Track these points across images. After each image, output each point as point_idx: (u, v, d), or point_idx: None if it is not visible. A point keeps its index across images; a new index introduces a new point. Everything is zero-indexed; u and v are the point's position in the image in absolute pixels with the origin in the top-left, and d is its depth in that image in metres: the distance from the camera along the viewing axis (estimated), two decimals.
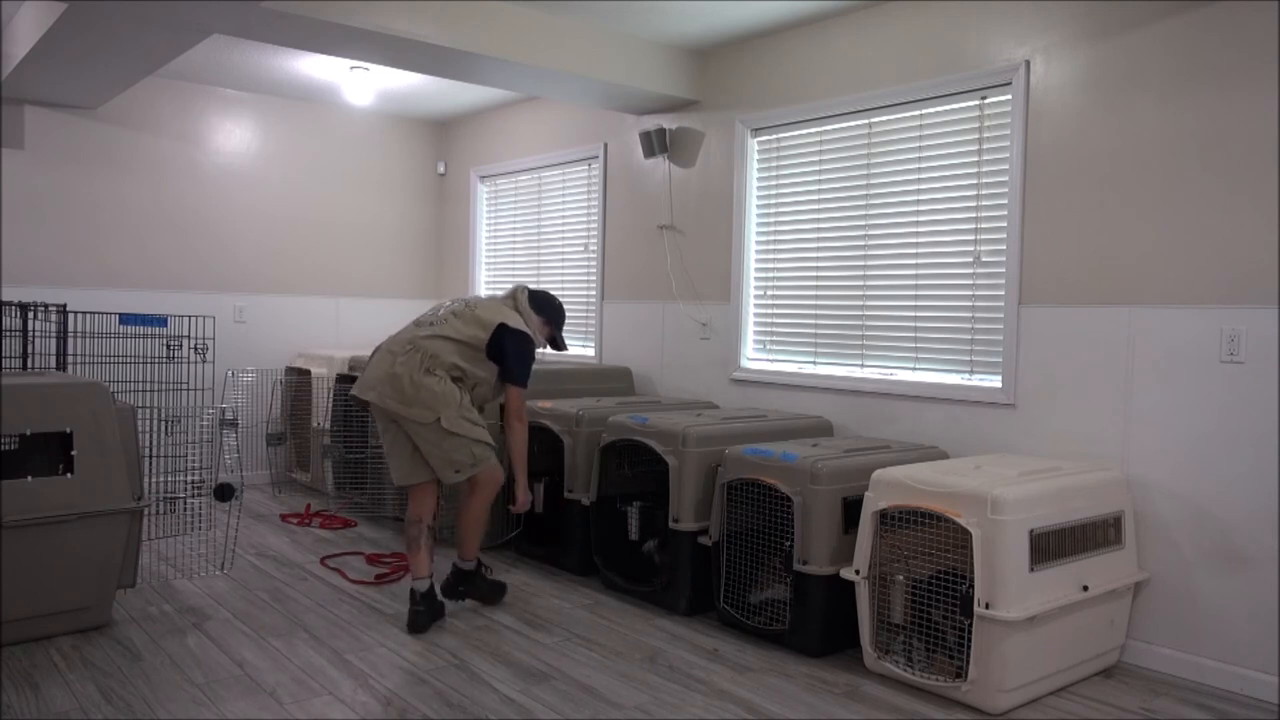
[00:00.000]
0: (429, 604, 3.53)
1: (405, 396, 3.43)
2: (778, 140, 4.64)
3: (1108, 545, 3.22)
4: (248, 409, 6.16)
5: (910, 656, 3.09)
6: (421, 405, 3.42)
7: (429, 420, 3.43)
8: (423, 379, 3.44)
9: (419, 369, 3.45)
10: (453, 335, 3.53)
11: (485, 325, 3.56)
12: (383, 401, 3.45)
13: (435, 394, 3.43)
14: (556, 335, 3.91)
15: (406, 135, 6.92)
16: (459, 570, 3.74)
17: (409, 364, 3.46)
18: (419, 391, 3.42)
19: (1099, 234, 3.46)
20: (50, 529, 3.23)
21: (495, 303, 3.69)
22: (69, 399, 3.29)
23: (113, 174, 5.71)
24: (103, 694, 2.88)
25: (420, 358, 3.47)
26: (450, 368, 3.50)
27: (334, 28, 3.89)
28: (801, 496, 3.31)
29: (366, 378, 3.55)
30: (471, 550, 3.72)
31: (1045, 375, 3.60)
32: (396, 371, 3.45)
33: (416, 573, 3.55)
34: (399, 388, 3.43)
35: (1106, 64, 3.43)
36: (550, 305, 3.87)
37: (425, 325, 3.60)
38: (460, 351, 3.52)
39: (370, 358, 3.61)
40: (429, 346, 3.50)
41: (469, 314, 3.60)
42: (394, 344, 3.57)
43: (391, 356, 3.50)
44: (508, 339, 3.57)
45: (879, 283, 4.20)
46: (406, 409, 3.42)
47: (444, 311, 3.65)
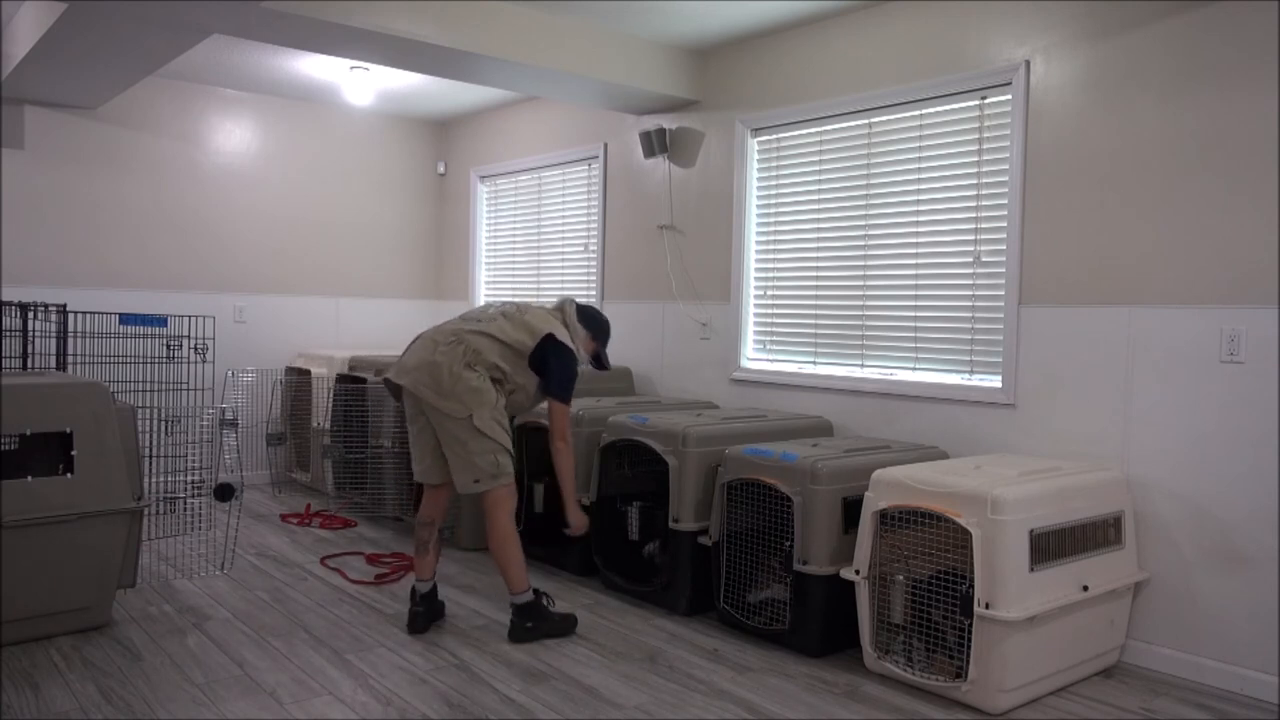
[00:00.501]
0: (429, 604, 3.51)
1: (442, 387, 3.30)
2: (778, 140, 4.64)
3: (1108, 545, 3.22)
4: (248, 409, 6.16)
5: (910, 656, 3.09)
6: (456, 399, 3.29)
7: (461, 415, 3.30)
8: (462, 372, 3.31)
9: (460, 361, 3.33)
10: (499, 335, 3.40)
11: (533, 333, 3.42)
12: (417, 389, 3.32)
13: (472, 389, 3.31)
14: (601, 353, 3.76)
15: (406, 135, 6.92)
16: (519, 607, 3.44)
17: (451, 355, 3.33)
18: (456, 384, 3.30)
19: (1099, 234, 3.46)
20: (50, 529, 3.23)
21: (545, 312, 3.55)
22: (69, 399, 3.29)
23: (113, 174, 5.71)
24: (103, 694, 2.88)
25: (463, 350, 3.35)
26: (491, 367, 3.37)
27: (334, 28, 3.89)
28: (801, 496, 3.31)
29: (404, 362, 3.42)
30: (518, 577, 3.43)
31: (1045, 375, 3.60)
32: (437, 360, 3.33)
33: (420, 574, 3.51)
34: (436, 377, 3.31)
35: (1106, 64, 3.43)
36: (598, 321, 3.73)
37: (472, 320, 3.47)
38: (504, 353, 3.39)
39: (410, 344, 3.49)
40: (474, 341, 3.37)
41: (519, 318, 3.46)
42: (438, 333, 3.44)
43: (433, 345, 3.38)
44: (551, 352, 3.43)
45: (879, 283, 4.20)
46: (440, 400, 3.30)
47: (493, 311, 3.52)
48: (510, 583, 3.43)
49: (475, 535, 4.71)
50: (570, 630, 3.51)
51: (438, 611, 3.57)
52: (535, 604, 3.45)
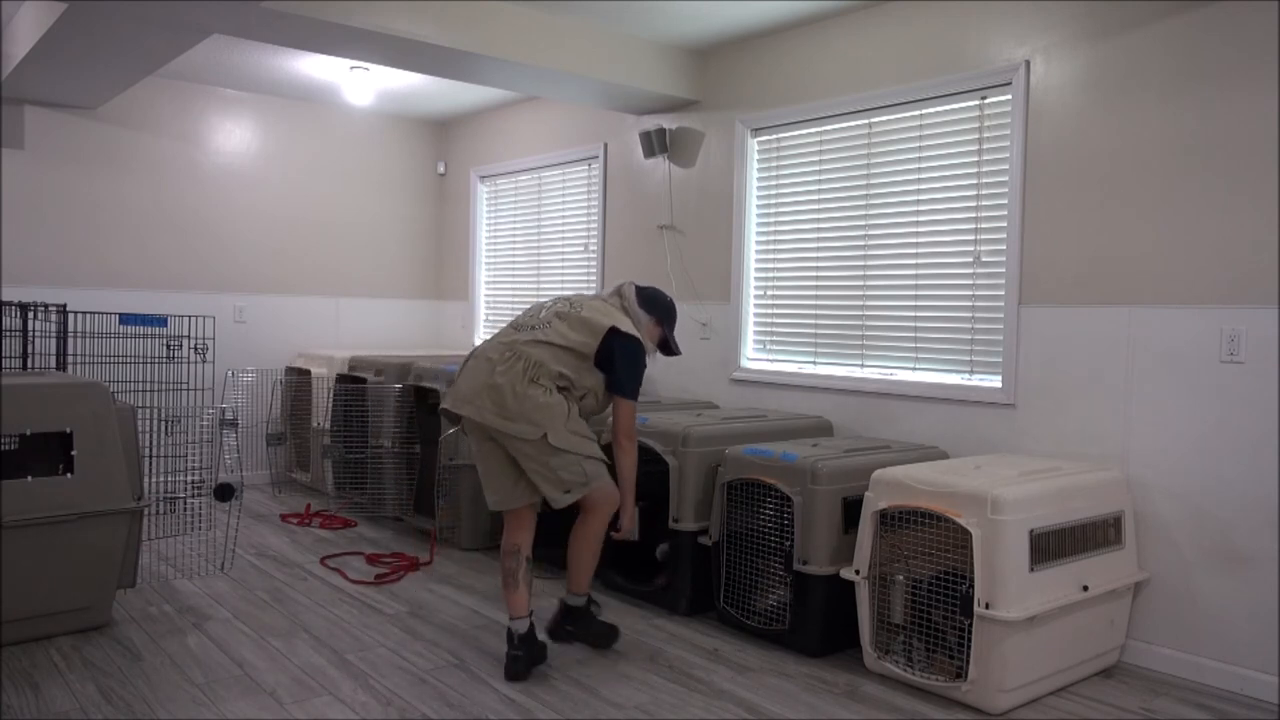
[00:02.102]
0: (529, 648, 3.12)
1: (507, 410, 3.01)
2: (778, 140, 4.64)
3: (1108, 545, 3.22)
4: (248, 409, 6.16)
5: (910, 656, 3.09)
6: (526, 420, 3.01)
7: (534, 437, 3.01)
8: (527, 390, 3.02)
9: (522, 379, 3.04)
10: (558, 341, 3.10)
11: (594, 330, 3.13)
12: (481, 416, 3.03)
13: (541, 406, 3.02)
14: (668, 337, 3.41)
15: (406, 135, 6.92)
16: (568, 607, 3.30)
17: (511, 373, 3.04)
18: (523, 404, 3.01)
19: (1099, 234, 3.46)
20: (50, 529, 3.23)
21: (601, 303, 3.25)
22: (69, 399, 3.29)
23: (113, 174, 5.71)
24: (103, 694, 2.88)
25: (523, 366, 3.06)
26: (556, 377, 3.08)
27: (334, 28, 3.89)
28: (801, 496, 3.31)
29: (461, 389, 3.12)
30: (584, 581, 3.28)
31: (1045, 375, 3.60)
32: (497, 382, 3.04)
33: (515, 610, 3.13)
34: (500, 400, 3.02)
35: (1106, 64, 3.43)
36: (661, 303, 3.37)
37: (526, 329, 3.18)
38: (567, 359, 3.10)
39: (463, 366, 3.21)
40: (533, 353, 3.08)
41: (575, 316, 3.17)
42: (491, 350, 3.14)
43: (489, 364, 3.09)
44: (618, 345, 3.14)
45: (879, 283, 4.20)
46: (509, 424, 3.01)
47: (545, 314, 3.22)
48: (575, 583, 3.28)
49: (475, 535, 4.71)
50: (610, 642, 3.35)
51: (539, 655, 3.17)
52: (585, 610, 3.31)
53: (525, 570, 3.17)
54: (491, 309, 6.68)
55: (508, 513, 3.21)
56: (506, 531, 3.22)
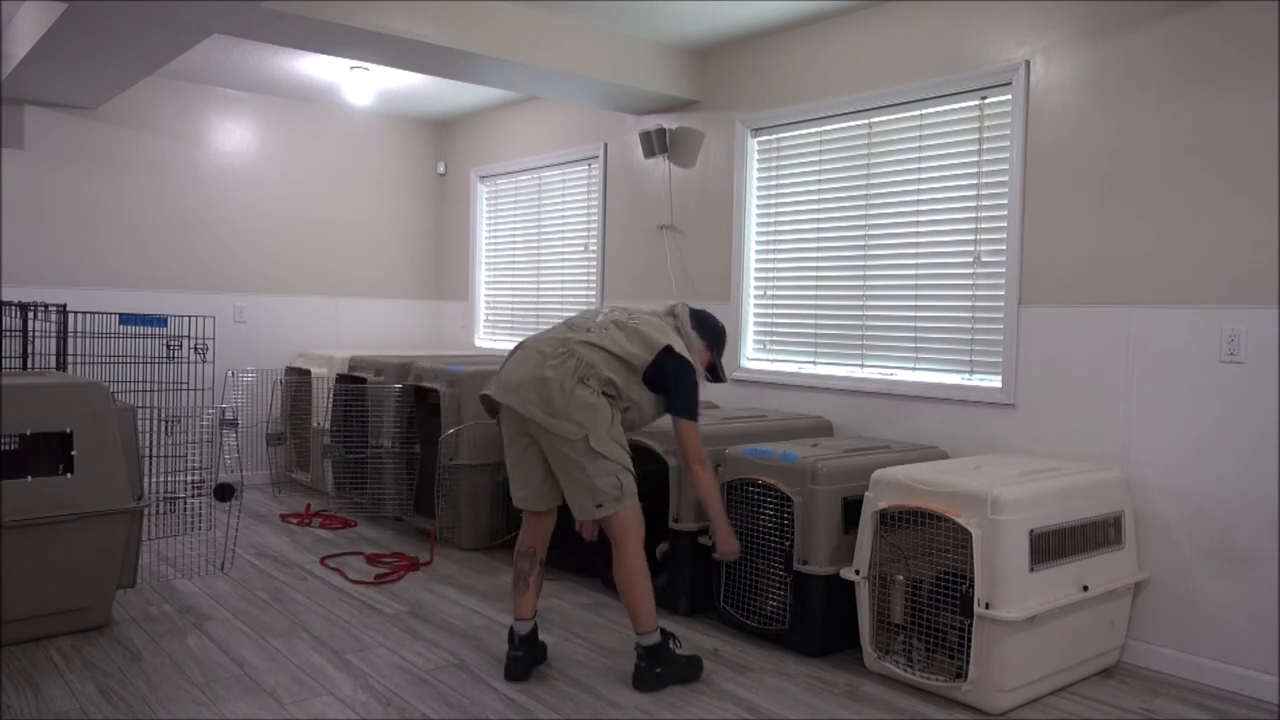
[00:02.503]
0: (529, 648, 3.12)
1: (553, 406, 2.93)
2: (778, 140, 4.64)
3: (1108, 545, 3.22)
4: (248, 409, 6.16)
5: (910, 656, 3.09)
6: (569, 418, 2.92)
7: (576, 437, 2.92)
8: (575, 388, 2.93)
9: (572, 376, 2.95)
10: (612, 349, 3.02)
11: (650, 345, 3.05)
12: (525, 408, 2.94)
13: (587, 407, 2.93)
14: (716, 362, 3.34)
15: (406, 135, 6.92)
16: (647, 650, 3.03)
17: (562, 369, 2.96)
18: (569, 402, 2.92)
19: (1099, 234, 3.46)
20: (50, 529, 3.23)
21: (658, 319, 3.17)
22: (69, 399, 3.29)
23: (113, 174, 5.71)
24: (103, 694, 2.88)
25: (575, 364, 2.97)
26: (605, 382, 2.99)
27: (334, 28, 3.89)
28: (801, 496, 3.31)
29: (507, 378, 3.03)
30: (648, 617, 3.02)
31: (1045, 375, 3.60)
32: (546, 375, 2.95)
33: (520, 612, 3.12)
34: (546, 395, 2.93)
35: (1106, 64, 3.43)
36: (714, 328, 3.31)
37: (580, 330, 3.09)
38: (618, 368, 3.02)
39: (510, 355, 3.13)
40: (585, 354, 3.00)
41: (632, 328, 3.09)
42: (543, 343, 3.07)
43: (540, 357, 3.01)
44: (670, 365, 3.06)
45: (879, 283, 4.20)
46: (552, 420, 2.92)
47: (602, 319, 3.14)
48: (639, 621, 3.03)
49: (475, 535, 4.71)
50: (697, 675, 3.11)
51: (539, 655, 3.18)
52: (664, 646, 3.05)
53: (538, 574, 3.15)
54: (491, 309, 6.68)
55: (530, 514, 3.16)
56: (524, 531, 3.18)
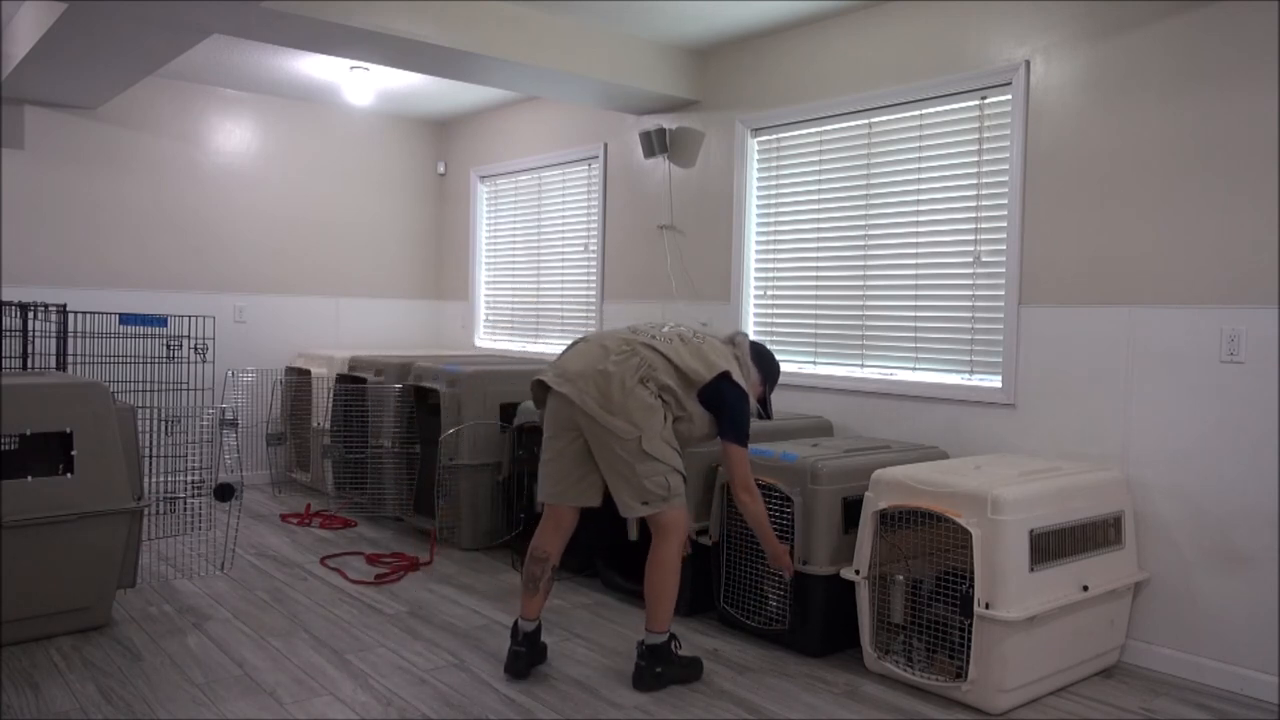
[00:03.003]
0: (531, 645, 3.12)
1: (611, 402, 2.90)
2: (778, 140, 4.64)
3: (1108, 545, 3.22)
4: (248, 409, 6.16)
5: (910, 656, 3.09)
6: (626, 416, 2.90)
7: (629, 437, 2.89)
8: (635, 387, 2.92)
9: (633, 374, 2.93)
10: (673, 358, 3.01)
11: (710, 366, 3.03)
12: (581, 399, 2.91)
13: (644, 407, 2.92)
14: (767, 398, 3.33)
15: (406, 135, 6.92)
16: (651, 649, 3.04)
17: (624, 366, 2.94)
18: (628, 400, 2.90)
19: (1099, 234, 3.46)
20: (50, 529, 3.23)
21: (720, 345, 3.17)
22: (69, 399, 3.29)
23: (113, 174, 5.71)
24: (103, 694, 2.88)
25: (638, 363, 2.96)
26: (664, 387, 2.97)
27: (334, 28, 3.89)
28: (801, 496, 3.31)
29: (566, 367, 3.01)
30: (665, 617, 3.03)
31: (1045, 375, 3.60)
32: (608, 369, 2.93)
33: (526, 612, 3.11)
34: (605, 389, 2.91)
35: (1106, 64, 3.43)
36: (771, 364, 3.31)
37: (644, 334, 3.08)
38: (676, 378, 3.00)
39: (570, 347, 3.11)
40: (648, 356, 2.99)
41: (695, 345, 3.08)
42: (607, 339, 3.06)
43: (603, 351, 2.99)
44: (728, 391, 3.04)
45: (879, 283, 4.20)
46: (608, 416, 2.90)
47: (668, 330, 3.13)
48: (655, 619, 3.03)
49: (475, 535, 4.71)
50: (697, 676, 3.12)
51: (540, 654, 3.18)
52: (666, 646, 3.06)
53: (549, 580, 3.11)
54: (491, 309, 6.68)
55: (550, 511, 3.10)
56: (540, 533, 3.11)
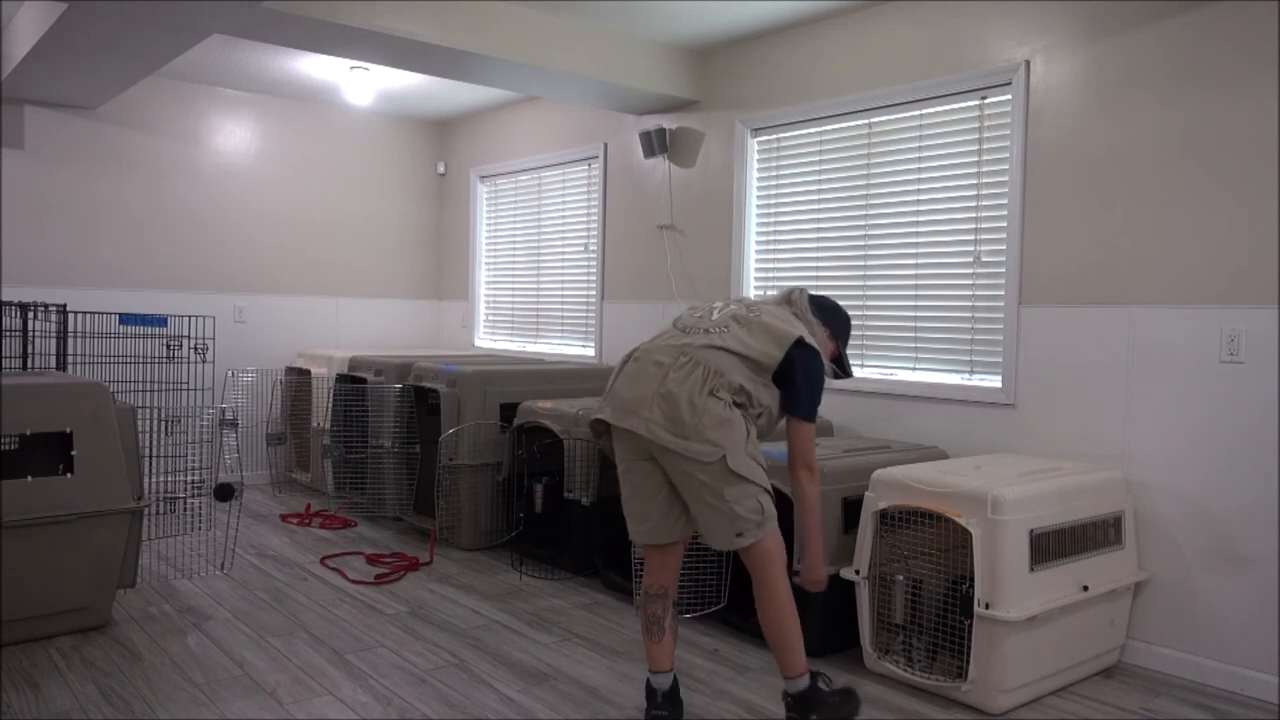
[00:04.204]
0: (672, 707, 2.72)
1: (683, 425, 2.51)
2: (778, 140, 4.64)
3: (1108, 545, 3.22)
4: (248, 409, 6.16)
5: (910, 656, 3.09)
6: (703, 438, 2.50)
7: (712, 459, 2.50)
8: (705, 402, 2.53)
9: (700, 388, 2.54)
10: (738, 349, 2.61)
11: (779, 339, 2.63)
12: (651, 432, 2.53)
13: (721, 423, 2.52)
14: (843, 354, 2.92)
15: (406, 135, 6.92)
16: (797, 697, 2.66)
17: (688, 381, 2.55)
18: (701, 418, 2.51)
19: (1099, 234, 3.46)
20: (50, 529, 3.23)
21: (778, 308, 2.76)
22: (69, 399, 3.29)
23: (113, 174, 5.71)
24: (103, 694, 2.88)
25: (702, 373, 2.56)
26: (736, 391, 2.58)
27: (334, 28, 3.89)
28: None
29: (622, 396, 2.63)
30: (798, 659, 2.64)
31: (1045, 375, 3.60)
32: (670, 390, 2.54)
33: (656, 664, 2.72)
34: (674, 413, 2.52)
35: (1106, 64, 3.43)
36: (838, 314, 2.91)
37: (697, 332, 2.68)
38: (746, 371, 2.60)
39: (620, 368, 2.73)
40: (711, 360, 2.59)
41: (755, 322, 2.67)
42: (659, 352, 2.65)
43: (660, 369, 2.60)
44: (800, 357, 2.64)
45: (879, 283, 4.20)
46: (683, 443, 2.51)
47: (719, 315, 2.73)
48: (787, 664, 2.65)
49: (475, 535, 4.71)
50: (856, 711, 2.74)
51: (679, 713, 2.76)
52: (815, 689, 2.67)
53: (672, 618, 2.75)
54: (491, 309, 6.68)
55: (651, 550, 2.74)
56: (649, 571, 2.75)
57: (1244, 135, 3.11)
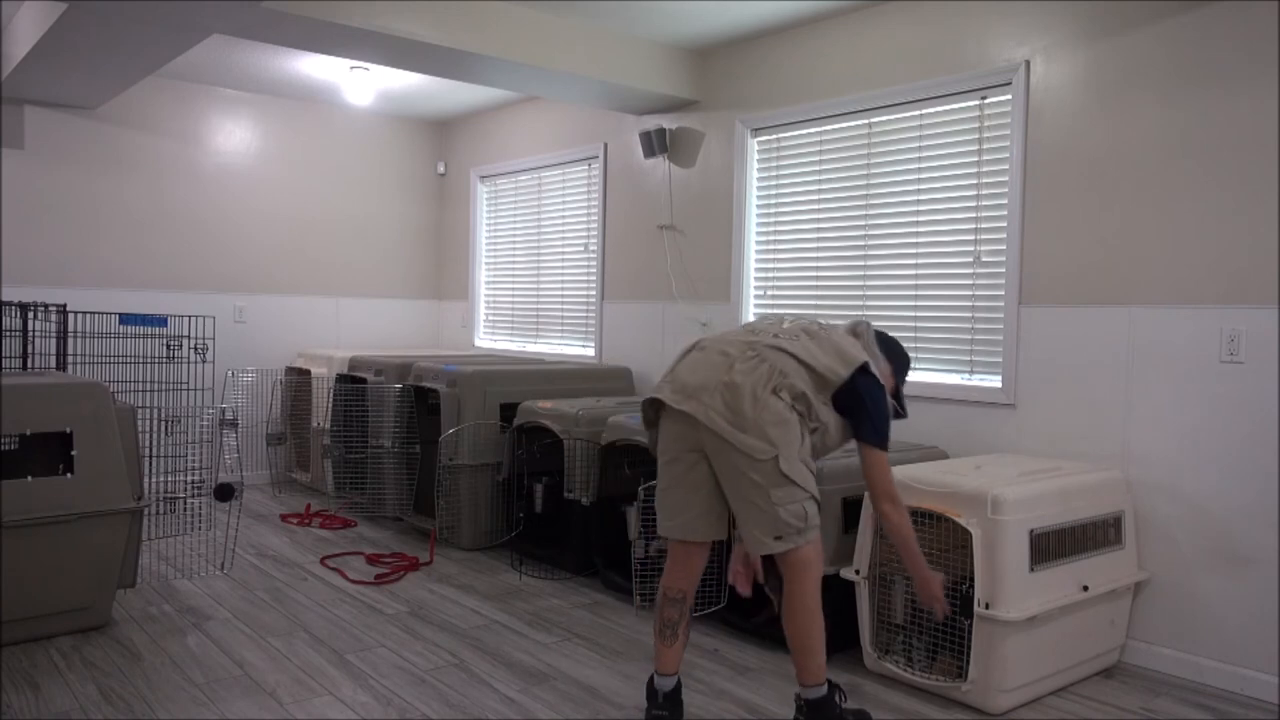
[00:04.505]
0: (673, 707, 2.69)
1: (742, 418, 2.48)
2: (778, 140, 4.64)
3: (1108, 545, 3.22)
4: (248, 409, 6.16)
5: (910, 656, 3.09)
6: (760, 434, 2.47)
7: (765, 457, 2.47)
8: (769, 399, 2.50)
9: (764, 384, 2.51)
10: (805, 358, 2.58)
11: (847, 359, 2.61)
12: (708, 418, 2.50)
13: (781, 422, 2.49)
14: (900, 392, 2.89)
15: (406, 135, 6.93)
16: (811, 704, 2.61)
17: (753, 375, 2.53)
18: (762, 414, 2.48)
19: (1099, 234, 3.46)
20: (50, 529, 3.23)
21: (846, 336, 2.74)
22: (69, 399, 3.29)
23: (113, 174, 5.71)
24: (103, 694, 2.88)
25: (768, 370, 2.54)
26: (797, 396, 2.54)
27: (334, 28, 3.89)
28: None
29: (684, 380, 2.60)
30: (819, 667, 2.59)
31: (1045, 375, 3.60)
32: (735, 380, 2.52)
33: (663, 666, 2.68)
34: (735, 404, 2.49)
35: (1106, 64, 3.43)
36: (900, 352, 2.91)
37: (765, 334, 2.67)
38: (810, 381, 2.57)
39: (683, 356, 2.71)
40: (778, 361, 2.56)
41: (825, 338, 2.66)
42: (726, 344, 2.64)
43: (725, 359, 2.58)
44: (864, 385, 2.61)
45: (879, 283, 4.20)
46: (739, 435, 2.48)
47: (789, 325, 2.72)
48: (807, 672, 2.59)
49: (475, 535, 4.71)
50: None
51: (679, 715, 2.74)
52: (830, 700, 2.62)
53: (687, 623, 2.70)
54: (491, 309, 6.68)
55: (677, 546, 2.69)
56: (670, 570, 2.69)
57: (1244, 135, 3.11)
